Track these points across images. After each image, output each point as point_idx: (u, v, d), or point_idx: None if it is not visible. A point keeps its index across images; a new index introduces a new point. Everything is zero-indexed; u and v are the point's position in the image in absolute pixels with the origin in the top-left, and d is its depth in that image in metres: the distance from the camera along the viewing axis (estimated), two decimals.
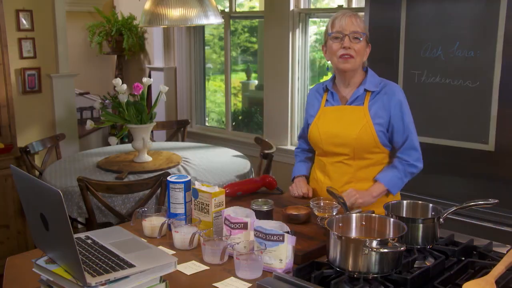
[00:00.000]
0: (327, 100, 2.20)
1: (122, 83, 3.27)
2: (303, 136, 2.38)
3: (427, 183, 2.84)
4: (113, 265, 1.34)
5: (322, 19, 4.24)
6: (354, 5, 3.87)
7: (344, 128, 2.11)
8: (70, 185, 2.86)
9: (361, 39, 2.07)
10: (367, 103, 2.11)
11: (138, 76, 5.60)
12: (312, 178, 2.32)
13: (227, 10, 4.83)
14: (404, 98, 2.13)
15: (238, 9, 4.87)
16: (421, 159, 2.16)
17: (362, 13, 3.09)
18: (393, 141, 2.13)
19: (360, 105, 2.12)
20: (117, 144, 3.61)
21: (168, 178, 1.89)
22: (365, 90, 2.12)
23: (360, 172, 2.14)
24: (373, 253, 1.32)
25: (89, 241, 1.50)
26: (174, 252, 1.71)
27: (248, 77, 5.10)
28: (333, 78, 2.22)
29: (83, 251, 1.42)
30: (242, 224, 1.65)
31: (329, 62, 2.19)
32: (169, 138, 4.57)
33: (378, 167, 2.16)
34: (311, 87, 3.96)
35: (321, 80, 2.81)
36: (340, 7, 3.92)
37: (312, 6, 4.22)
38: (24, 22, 4.16)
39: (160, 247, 1.71)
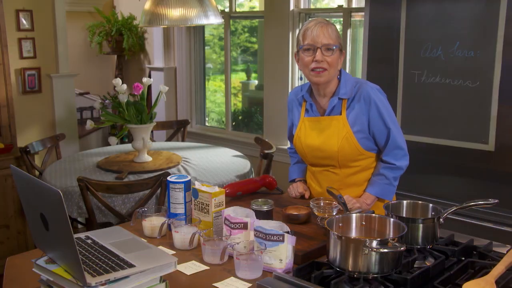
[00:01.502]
0: (306, 110, 2.17)
1: (122, 83, 3.27)
2: (291, 137, 2.35)
3: (427, 183, 2.84)
4: (113, 265, 1.34)
5: None
6: (354, 5, 3.87)
7: (325, 141, 2.09)
8: (70, 185, 2.86)
9: (334, 48, 2.00)
10: (345, 112, 2.07)
11: (138, 76, 5.60)
12: (307, 181, 2.33)
13: (227, 10, 4.83)
14: (380, 98, 2.06)
15: (238, 9, 4.87)
16: (407, 155, 2.12)
17: (361, 13, 3.08)
18: (377, 142, 2.11)
19: (338, 115, 2.08)
20: (117, 144, 3.61)
21: (168, 178, 1.89)
22: (340, 99, 2.08)
23: (348, 179, 2.14)
24: (373, 253, 1.32)
25: (89, 241, 1.50)
26: (174, 252, 1.71)
27: (248, 77, 5.10)
28: (310, 88, 2.17)
29: (83, 251, 1.42)
30: (242, 224, 1.65)
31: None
32: (169, 138, 4.56)
33: (366, 171, 2.15)
34: None
35: None
36: (340, 7, 3.92)
37: (312, 6, 4.22)
38: (24, 22, 4.16)
39: (160, 247, 1.71)
